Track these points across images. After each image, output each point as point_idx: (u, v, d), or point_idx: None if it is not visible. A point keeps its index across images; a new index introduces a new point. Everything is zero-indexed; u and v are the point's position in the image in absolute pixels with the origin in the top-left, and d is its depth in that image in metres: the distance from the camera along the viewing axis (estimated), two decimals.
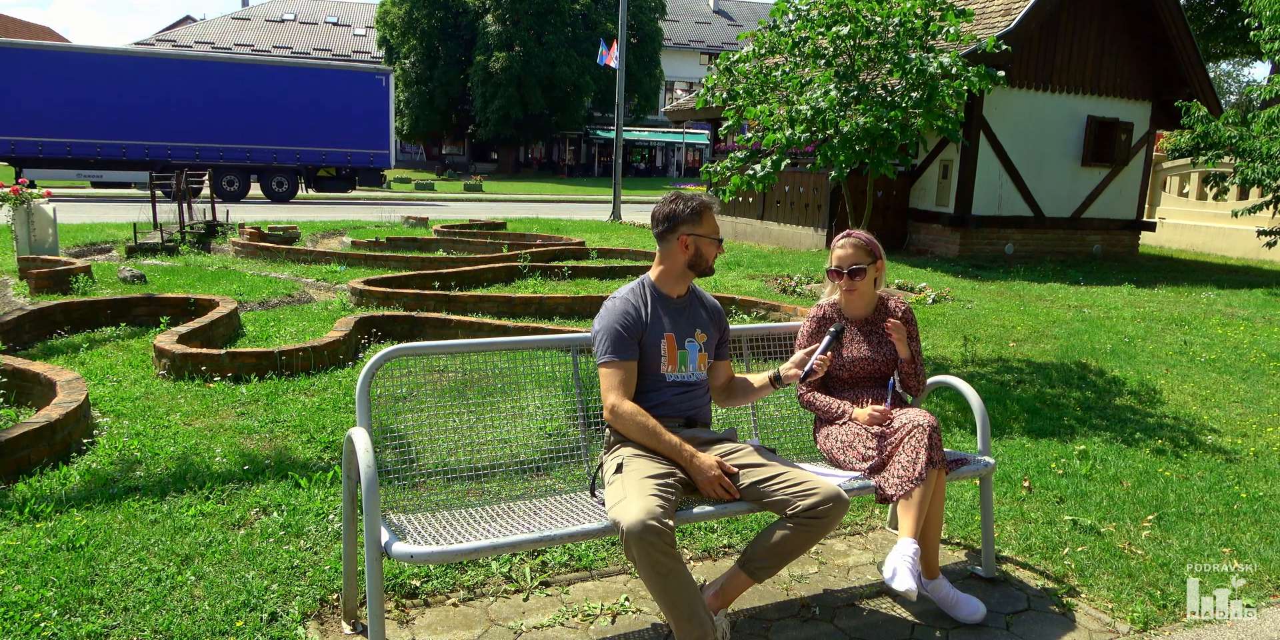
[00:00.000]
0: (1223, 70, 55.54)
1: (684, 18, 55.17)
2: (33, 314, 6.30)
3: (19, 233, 9.65)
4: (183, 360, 5.29)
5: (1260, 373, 6.60)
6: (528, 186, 36.03)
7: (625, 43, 21.54)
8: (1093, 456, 4.44)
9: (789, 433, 3.57)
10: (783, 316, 7.81)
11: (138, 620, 2.68)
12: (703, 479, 2.72)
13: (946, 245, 13.52)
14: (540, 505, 2.83)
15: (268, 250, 11.10)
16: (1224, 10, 23.29)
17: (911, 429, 2.92)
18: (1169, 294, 10.55)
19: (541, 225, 16.81)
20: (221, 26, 51.32)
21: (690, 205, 2.86)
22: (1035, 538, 3.57)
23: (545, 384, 3.31)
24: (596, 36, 38.55)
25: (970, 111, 12.81)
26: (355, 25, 53.31)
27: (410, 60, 42.37)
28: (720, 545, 3.45)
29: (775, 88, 6.05)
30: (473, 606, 2.94)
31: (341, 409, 4.78)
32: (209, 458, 4.01)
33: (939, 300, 9.28)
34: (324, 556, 3.14)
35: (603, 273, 10.25)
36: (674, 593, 2.44)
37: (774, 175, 5.87)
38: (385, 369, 2.83)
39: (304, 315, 7.41)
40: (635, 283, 2.97)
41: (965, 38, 6.19)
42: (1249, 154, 11.68)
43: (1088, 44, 13.56)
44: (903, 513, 2.85)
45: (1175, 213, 17.77)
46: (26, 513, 3.33)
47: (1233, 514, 3.90)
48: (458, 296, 7.80)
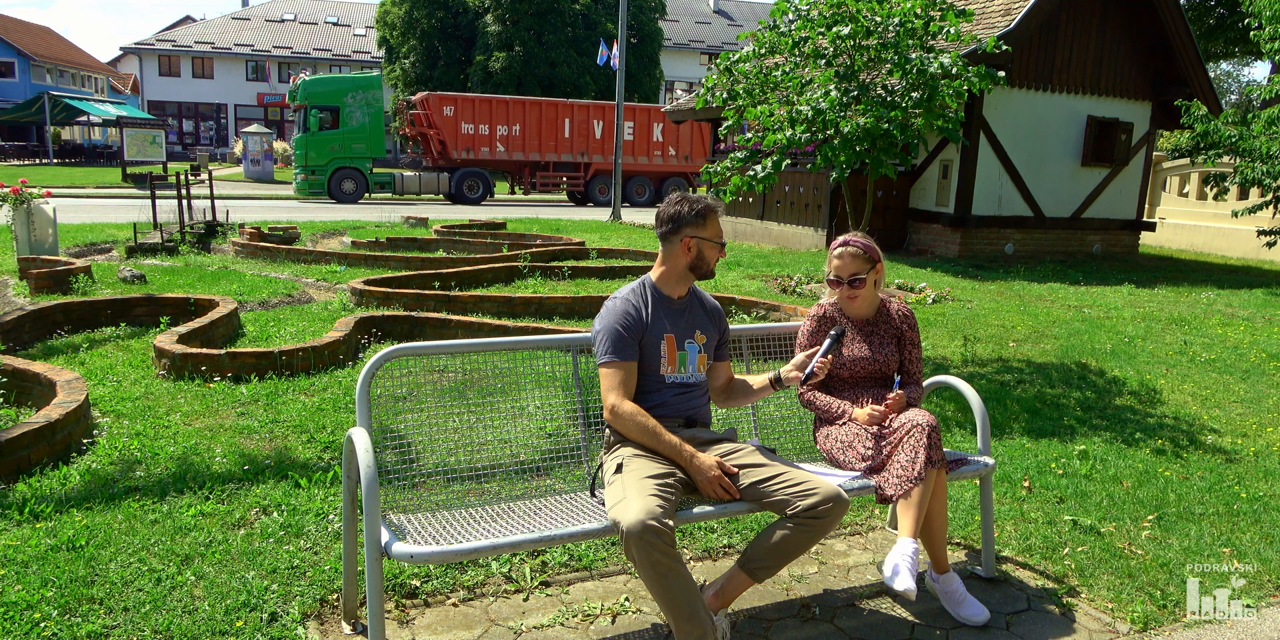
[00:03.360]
0: (1223, 70, 55.58)
1: (684, 18, 55.15)
2: (33, 314, 6.30)
3: (19, 233, 9.65)
4: (183, 360, 5.29)
5: (1260, 373, 6.60)
6: None
7: (625, 43, 21.53)
8: (1093, 456, 4.44)
9: (789, 433, 3.57)
10: (783, 316, 7.81)
11: (138, 620, 2.68)
12: (703, 479, 2.72)
13: (946, 245, 13.52)
14: (540, 505, 2.83)
15: (268, 250, 11.09)
16: (1224, 10, 23.29)
17: (911, 429, 2.92)
18: (1169, 294, 10.55)
19: (541, 225, 16.81)
20: (221, 26, 51.35)
21: (695, 208, 2.86)
22: (1035, 538, 3.57)
23: (545, 384, 3.31)
24: (596, 36, 38.52)
25: (970, 111, 12.81)
26: (355, 25, 53.32)
27: (410, 60, 42.36)
28: (720, 545, 3.45)
29: (775, 88, 6.04)
30: (473, 606, 2.94)
31: (341, 409, 4.78)
32: (209, 458, 4.01)
33: (939, 300, 9.28)
34: (324, 556, 3.14)
35: (603, 273, 10.25)
36: (674, 593, 2.44)
37: (774, 175, 5.87)
38: (385, 369, 2.83)
39: (304, 315, 7.41)
40: (636, 283, 2.97)
41: (965, 38, 6.19)
42: (1249, 154, 11.68)
43: (1088, 44, 13.56)
44: (902, 512, 2.85)
45: (1175, 213, 17.77)
46: (26, 513, 3.33)
47: (1233, 514, 3.90)
48: (458, 296, 7.80)
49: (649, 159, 28.07)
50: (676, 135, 28.12)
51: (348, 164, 24.23)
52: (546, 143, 27.05)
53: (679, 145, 28.36)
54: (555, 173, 27.43)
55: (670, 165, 28.38)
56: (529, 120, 26.80)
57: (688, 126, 27.41)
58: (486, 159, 26.58)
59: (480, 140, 26.29)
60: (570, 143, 27.25)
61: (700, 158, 27.37)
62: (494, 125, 26.39)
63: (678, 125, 27.01)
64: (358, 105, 24.12)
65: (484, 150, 26.43)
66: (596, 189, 27.65)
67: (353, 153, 24.22)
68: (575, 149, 27.36)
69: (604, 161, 27.14)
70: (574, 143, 27.30)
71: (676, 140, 28.27)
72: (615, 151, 22.09)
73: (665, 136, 28.13)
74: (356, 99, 24.08)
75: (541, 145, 27.01)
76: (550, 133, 27.03)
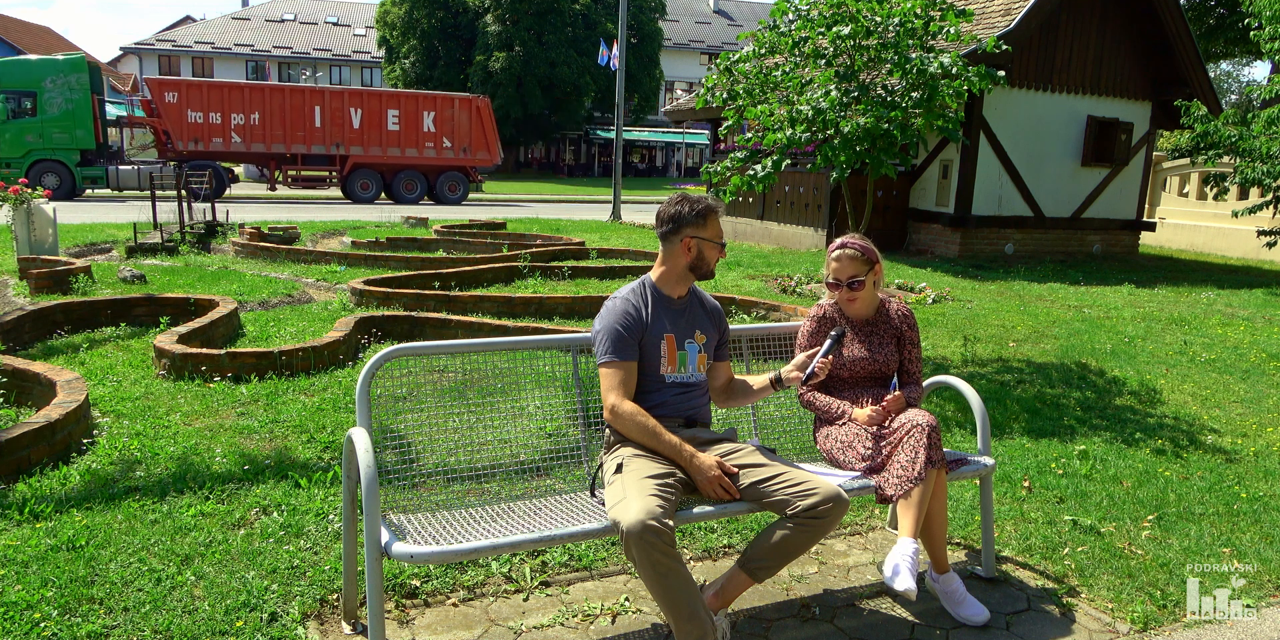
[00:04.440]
0: (1223, 70, 55.58)
1: (684, 18, 55.16)
2: (33, 314, 6.30)
3: (19, 233, 9.65)
4: (183, 360, 5.29)
5: (1260, 373, 6.60)
6: (528, 186, 36.04)
7: (625, 43, 21.50)
8: (1093, 456, 4.44)
9: (789, 433, 3.57)
10: (783, 316, 7.81)
11: (138, 620, 2.68)
12: (703, 479, 2.72)
13: (946, 245, 13.52)
14: (540, 505, 2.83)
15: (268, 250, 11.10)
16: (1224, 10, 23.28)
17: (911, 429, 2.92)
18: (1169, 294, 10.55)
19: (541, 225, 16.81)
20: (221, 26, 51.35)
21: (695, 208, 2.87)
22: (1035, 538, 3.57)
23: (545, 384, 3.31)
24: (596, 36, 38.55)
25: (970, 111, 12.81)
26: (355, 25, 53.34)
27: (410, 60, 42.38)
28: (720, 545, 3.45)
29: (775, 88, 6.04)
30: (473, 606, 2.94)
31: (341, 409, 4.78)
32: (209, 458, 4.01)
33: (939, 300, 9.28)
34: (324, 556, 3.14)
35: (603, 273, 10.25)
36: (674, 593, 2.44)
37: (774, 175, 5.87)
38: (385, 369, 2.83)
39: (304, 315, 7.41)
40: (636, 283, 2.97)
41: (965, 38, 6.19)
42: (1249, 154, 11.68)
43: (1088, 44, 13.56)
44: (902, 512, 2.85)
45: (1175, 213, 17.77)
46: (26, 513, 3.33)
47: (1233, 514, 3.90)
48: (458, 296, 7.80)
49: (419, 151, 25.31)
50: (452, 125, 25.48)
51: (48, 156, 21.64)
52: (294, 133, 24.33)
53: (455, 136, 25.58)
54: (306, 166, 24.87)
55: (445, 158, 25.61)
56: (270, 108, 24.03)
57: (466, 116, 25.43)
58: (220, 151, 23.96)
59: (212, 130, 23.60)
60: (323, 133, 24.51)
61: (481, 149, 25.68)
62: (227, 114, 23.68)
63: (453, 114, 25.23)
64: (59, 90, 21.51)
65: (216, 141, 23.74)
66: (356, 185, 25.10)
67: (54, 143, 21.62)
68: (328, 140, 24.58)
69: (363, 154, 24.81)
70: (327, 133, 24.53)
71: (452, 131, 25.50)
72: (616, 152, 22.05)
73: (439, 126, 25.39)
74: (57, 83, 21.50)
75: (288, 136, 24.29)
76: (298, 122, 24.30)
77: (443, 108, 25.43)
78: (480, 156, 25.96)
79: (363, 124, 24.80)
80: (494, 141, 26.14)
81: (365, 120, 24.79)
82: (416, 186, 25.67)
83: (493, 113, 26.40)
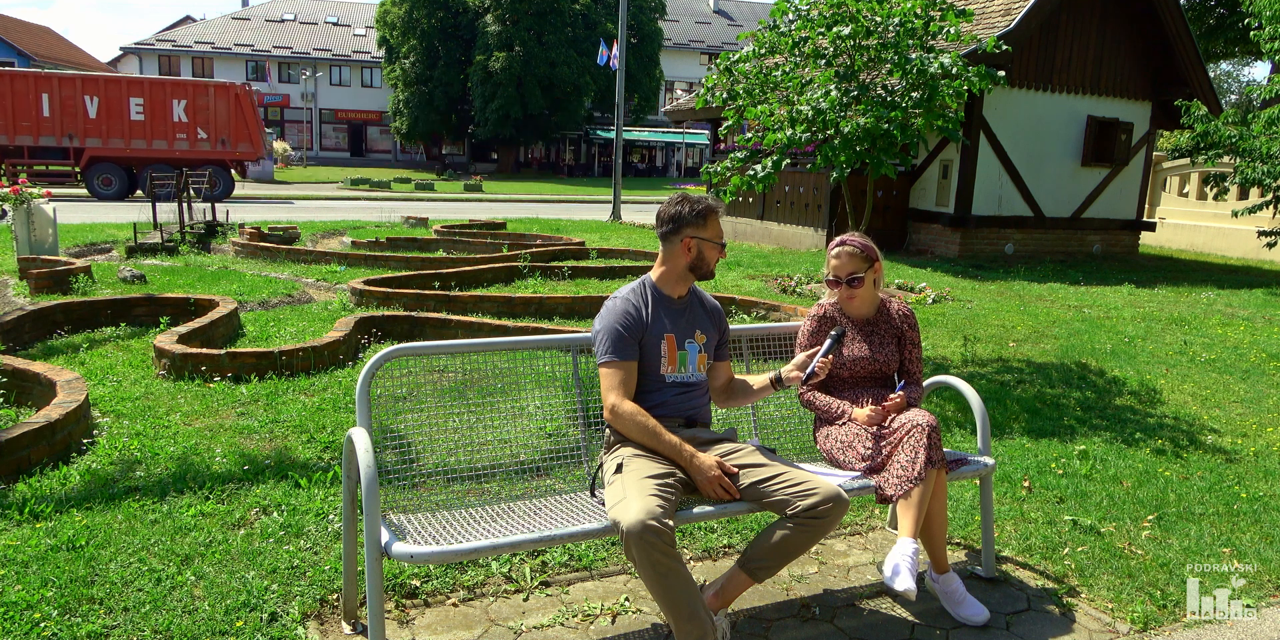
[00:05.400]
0: (1223, 70, 55.56)
1: (684, 18, 55.17)
2: (33, 314, 6.30)
3: (19, 233, 9.65)
4: (183, 360, 5.29)
5: (1260, 373, 6.60)
6: (528, 186, 36.03)
7: (625, 43, 21.48)
8: (1093, 456, 4.44)
9: (789, 433, 3.57)
10: (783, 316, 7.81)
11: (138, 620, 2.68)
12: (703, 479, 2.72)
13: (946, 245, 13.52)
14: (540, 505, 2.83)
15: (268, 250, 11.10)
16: (1224, 10, 23.28)
17: (910, 429, 2.92)
18: (1169, 294, 10.55)
19: (541, 225, 16.81)
20: (221, 26, 51.36)
21: (695, 208, 2.87)
22: (1035, 538, 3.57)
23: (545, 384, 3.31)
24: (596, 36, 38.55)
25: (970, 111, 12.81)
26: (355, 25, 53.34)
27: (410, 60, 42.37)
28: (720, 545, 3.45)
29: (775, 88, 6.05)
30: (473, 606, 2.94)
31: (341, 409, 4.78)
32: (209, 458, 4.01)
33: (939, 300, 9.28)
34: (324, 556, 3.14)
35: (603, 273, 10.25)
36: (674, 593, 2.44)
37: (774, 175, 5.87)
38: (385, 369, 2.83)
39: (304, 315, 7.41)
40: (636, 283, 2.97)
41: (965, 38, 6.19)
42: (1249, 154, 11.69)
43: (1088, 44, 13.56)
44: (902, 512, 2.85)
45: (1175, 213, 17.77)
46: (26, 513, 3.33)
47: (1233, 514, 3.90)
48: (458, 296, 7.80)
49: (168, 143, 22.70)
50: (209, 115, 22.97)
51: None
52: (18, 123, 21.63)
53: (212, 127, 23.06)
54: (34, 160, 22.02)
55: (200, 151, 22.93)
56: None
57: (225, 105, 23.05)
58: None
59: None
60: (53, 123, 21.83)
61: (243, 141, 23.21)
62: None
63: (209, 103, 22.89)
64: None
65: None
66: (97, 180, 22.38)
67: None
68: (60, 131, 21.92)
69: (102, 146, 22.14)
70: (59, 123, 21.87)
71: (209, 121, 22.99)
72: (616, 152, 22.04)
73: (192, 116, 22.87)
74: None
75: (12, 126, 21.62)
76: (23, 111, 21.60)
77: (196, 96, 23.01)
78: (242, 149, 23.55)
79: (100, 113, 22.17)
80: (257, 133, 23.76)
81: (104, 109, 22.16)
82: (169, 182, 23.25)
83: (254, 101, 24.08)
